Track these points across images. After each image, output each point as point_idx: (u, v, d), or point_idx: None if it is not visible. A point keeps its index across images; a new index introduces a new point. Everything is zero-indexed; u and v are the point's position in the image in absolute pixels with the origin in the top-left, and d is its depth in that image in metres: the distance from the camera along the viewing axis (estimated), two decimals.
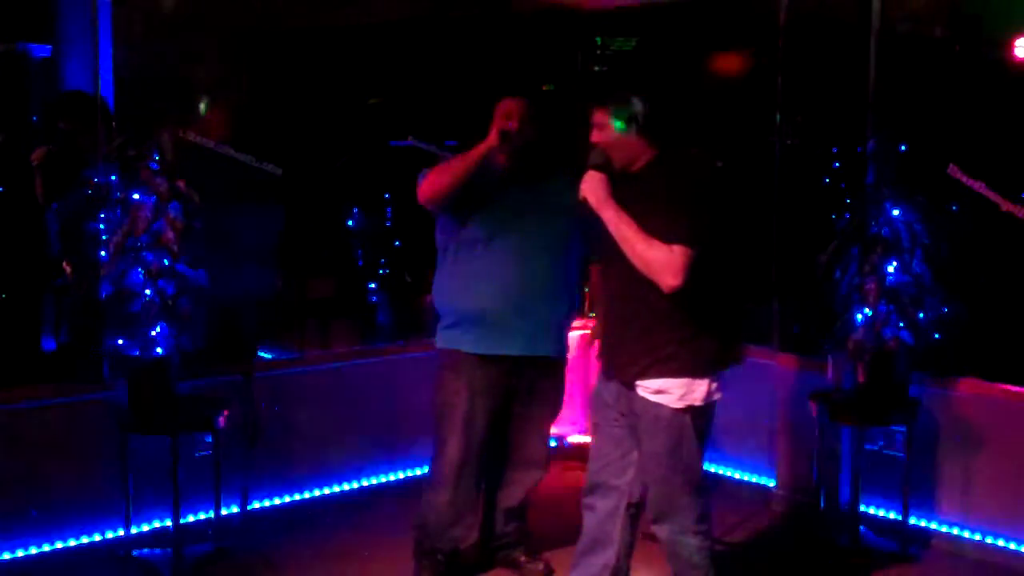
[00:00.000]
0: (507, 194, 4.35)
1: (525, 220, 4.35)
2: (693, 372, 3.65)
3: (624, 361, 3.73)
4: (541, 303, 4.38)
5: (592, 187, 3.63)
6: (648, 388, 3.67)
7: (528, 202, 4.36)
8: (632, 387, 3.71)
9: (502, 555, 4.74)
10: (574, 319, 4.72)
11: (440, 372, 4.47)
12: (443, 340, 4.46)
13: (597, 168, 3.66)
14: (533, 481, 4.66)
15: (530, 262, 4.34)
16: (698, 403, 3.67)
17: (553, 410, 4.66)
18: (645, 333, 3.66)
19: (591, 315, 5.75)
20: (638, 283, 3.59)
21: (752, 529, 5.32)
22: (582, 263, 4.68)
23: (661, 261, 3.51)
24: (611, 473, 3.88)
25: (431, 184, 4.28)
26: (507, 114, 4.20)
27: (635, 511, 3.88)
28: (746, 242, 3.89)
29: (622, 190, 3.65)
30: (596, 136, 3.71)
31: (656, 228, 3.52)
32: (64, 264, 5.57)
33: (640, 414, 3.72)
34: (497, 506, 4.67)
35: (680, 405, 3.65)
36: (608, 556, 3.90)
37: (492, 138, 4.18)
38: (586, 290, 5.36)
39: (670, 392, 3.65)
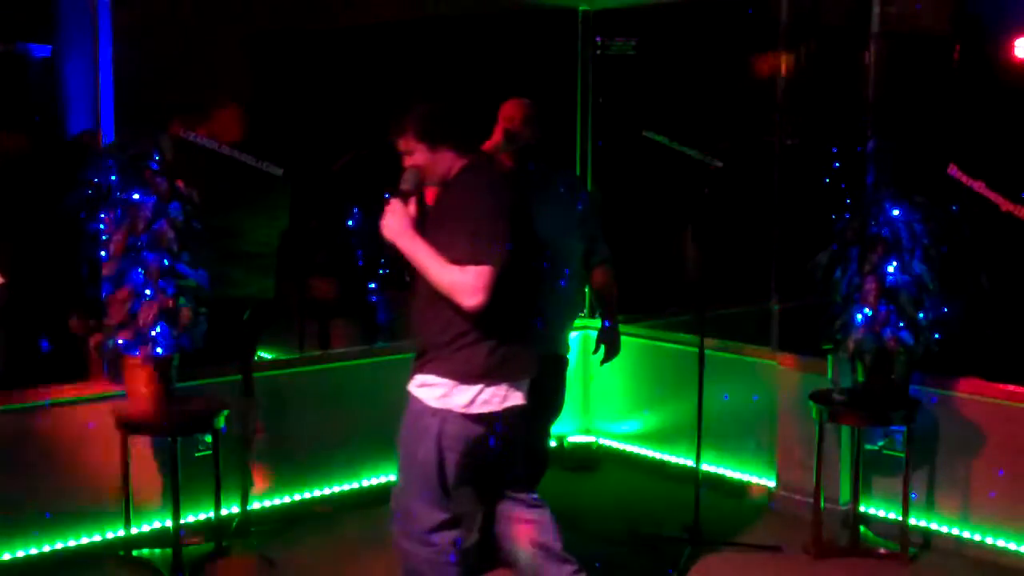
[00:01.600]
0: None
1: None
2: (460, 376, 3.59)
3: (415, 360, 3.72)
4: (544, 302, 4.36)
5: (388, 224, 3.61)
6: (415, 382, 3.67)
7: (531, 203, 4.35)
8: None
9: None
10: (575, 318, 4.69)
11: None
12: None
13: (407, 195, 3.64)
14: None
15: None
16: (457, 409, 3.60)
17: (554, 409, 4.65)
18: (430, 334, 3.63)
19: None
20: (429, 288, 3.58)
21: (752, 529, 5.32)
22: (583, 263, 4.67)
23: (457, 285, 3.48)
24: None
25: None
26: (509, 118, 4.23)
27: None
28: (536, 254, 3.83)
29: (438, 204, 3.65)
30: (409, 161, 3.68)
31: (453, 247, 3.49)
32: None
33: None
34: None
35: (436, 404, 3.61)
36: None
37: (496, 139, 4.18)
38: (587, 290, 5.35)
39: (431, 388, 3.62)
